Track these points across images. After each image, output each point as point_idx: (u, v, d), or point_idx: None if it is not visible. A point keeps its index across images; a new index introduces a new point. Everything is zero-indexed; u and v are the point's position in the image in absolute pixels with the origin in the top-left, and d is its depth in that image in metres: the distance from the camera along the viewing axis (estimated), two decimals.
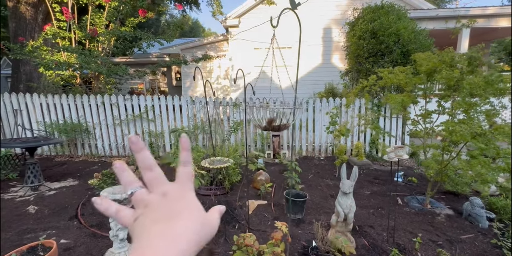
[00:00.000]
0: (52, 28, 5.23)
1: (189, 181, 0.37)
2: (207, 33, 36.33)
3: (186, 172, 0.38)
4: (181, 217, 0.32)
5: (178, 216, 0.32)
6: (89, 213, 2.85)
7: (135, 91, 12.80)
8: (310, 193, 3.38)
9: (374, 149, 5.30)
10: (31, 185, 3.41)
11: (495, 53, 14.31)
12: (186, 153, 0.38)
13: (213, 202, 3.17)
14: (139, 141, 0.36)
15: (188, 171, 0.38)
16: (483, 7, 7.39)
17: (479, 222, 2.63)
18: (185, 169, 0.38)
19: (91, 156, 5.23)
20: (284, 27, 4.53)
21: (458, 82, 2.31)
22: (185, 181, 0.37)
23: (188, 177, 0.38)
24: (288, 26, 4.99)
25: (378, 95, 5.10)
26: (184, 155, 0.38)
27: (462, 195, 3.38)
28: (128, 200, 2.02)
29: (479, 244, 2.33)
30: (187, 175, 0.37)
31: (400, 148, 1.89)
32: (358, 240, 2.37)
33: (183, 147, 0.38)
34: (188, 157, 0.38)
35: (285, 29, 5.11)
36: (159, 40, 5.93)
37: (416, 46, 4.81)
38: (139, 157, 0.36)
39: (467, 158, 2.53)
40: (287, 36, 6.52)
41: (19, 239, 2.31)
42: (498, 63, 15.06)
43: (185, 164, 0.38)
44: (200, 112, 5.25)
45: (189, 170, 0.38)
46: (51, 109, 5.09)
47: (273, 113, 1.87)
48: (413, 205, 3.07)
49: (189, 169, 0.38)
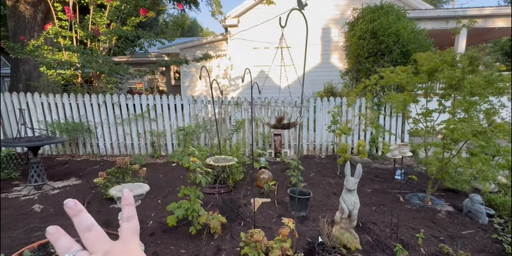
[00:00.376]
0: (53, 27, 5.22)
1: (134, 235, 0.38)
2: (205, 32, 36.27)
3: (130, 227, 0.38)
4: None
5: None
6: (95, 211, 2.87)
7: (134, 91, 12.78)
8: (312, 191, 3.42)
9: (374, 148, 5.36)
10: (34, 184, 3.42)
11: (491, 53, 14.48)
12: (129, 208, 0.39)
13: (217, 200, 3.20)
14: (76, 205, 0.35)
15: (133, 225, 0.38)
16: (480, 8, 7.48)
17: (479, 218, 2.69)
18: (129, 224, 0.38)
19: (93, 155, 5.24)
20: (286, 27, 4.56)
21: (459, 81, 2.37)
22: (129, 237, 0.37)
23: (133, 231, 0.38)
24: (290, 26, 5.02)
25: (378, 94, 5.16)
26: (127, 210, 0.38)
27: (461, 193, 3.44)
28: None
29: (480, 239, 2.39)
30: (132, 230, 0.38)
31: (404, 145, 1.94)
32: (362, 236, 2.42)
33: (126, 202, 0.39)
34: (132, 211, 0.39)
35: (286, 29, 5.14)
36: (160, 39, 5.94)
37: (416, 46, 4.88)
38: (77, 220, 0.35)
39: (467, 156, 2.58)
40: (288, 36, 6.55)
41: (27, 237, 2.33)
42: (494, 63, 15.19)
43: (129, 219, 0.38)
44: (201, 112, 5.28)
45: (134, 225, 0.38)
46: (52, 108, 5.09)
47: (280, 112, 1.90)
48: (414, 202, 3.13)
49: (134, 223, 0.38)
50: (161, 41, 6.02)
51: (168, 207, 2.26)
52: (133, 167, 3.28)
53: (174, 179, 3.97)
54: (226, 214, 2.69)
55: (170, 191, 3.46)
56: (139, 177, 3.19)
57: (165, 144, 5.31)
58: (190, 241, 2.30)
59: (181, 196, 2.28)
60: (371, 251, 2.22)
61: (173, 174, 4.19)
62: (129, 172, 3.27)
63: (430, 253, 2.18)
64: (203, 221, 2.21)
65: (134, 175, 3.34)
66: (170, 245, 2.26)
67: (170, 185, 3.70)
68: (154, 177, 4.04)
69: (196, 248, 2.22)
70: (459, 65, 2.64)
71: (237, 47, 8.79)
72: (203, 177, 2.31)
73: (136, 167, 3.31)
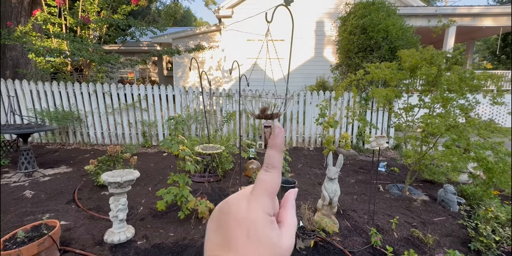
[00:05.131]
0: (42, 14, 5.10)
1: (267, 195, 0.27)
2: (199, 22, 35.57)
3: (266, 180, 0.28)
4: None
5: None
6: (86, 198, 2.94)
7: (125, 80, 12.60)
8: (298, 180, 3.58)
9: (360, 141, 5.55)
10: (25, 171, 3.45)
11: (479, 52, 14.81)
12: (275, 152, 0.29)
13: (207, 188, 3.32)
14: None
15: (271, 179, 0.28)
16: (469, 6, 7.64)
17: (450, 207, 2.89)
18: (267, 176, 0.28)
19: (83, 144, 5.25)
20: (278, 20, 4.60)
21: (436, 78, 2.50)
22: (260, 195, 0.27)
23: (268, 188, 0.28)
24: (282, 19, 5.06)
25: (366, 89, 5.30)
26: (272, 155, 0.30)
27: (438, 184, 3.66)
28: (127, 183, 2.12)
29: (449, 225, 2.59)
30: (267, 185, 0.28)
31: (381, 137, 2.07)
32: (342, 222, 2.58)
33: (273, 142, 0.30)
34: (277, 157, 0.30)
35: (279, 22, 5.18)
36: (152, 29, 5.88)
37: (403, 43, 5.01)
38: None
39: (443, 149, 2.76)
40: (281, 29, 6.59)
41: (20, 221, 2.40)
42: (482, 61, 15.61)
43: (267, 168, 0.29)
44: (193, 103, 5.32)
45: (274, 179, 0.28)
46: (41, 96, 5.05)
47: (265, 103, 2.00)
48: (393, 192, 3.32)
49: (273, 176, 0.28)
50: (153, 30, 5.97)
51: (158, 193, 2.35)
52: (124, 156, 3.34)
53: (165, 168, 4.05)
54: (214, 201, 2.81)
55: (161, 180, 3.55)
56: (130, 165, 3.26)
57: (157, 134, 5.36)
58: (179, 225, 2.42)
59: (171, 182, 2.38)
60: (348, 235, 2.38)
61: (164, 163, 4.27)
62: (120, 161, 3.34)
63: (402, 237, 2.36)
64: (192, 206, 2.33)
65: (125, 164, 3.42)
66: (160, 228, 2.37)
67: (161, 173, 3.79)
68: (145, 165, 4.11)
69: (184, 231, 2.33)
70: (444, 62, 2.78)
71: (230, 38, 8.76)
72: (192, 165, 2.40)
73: (127, 155, 3.37)
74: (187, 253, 2.05)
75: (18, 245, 1.73)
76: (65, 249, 2.03)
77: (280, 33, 7.77)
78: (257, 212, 0.25)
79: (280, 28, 6.28)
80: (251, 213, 0.25)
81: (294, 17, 1.95)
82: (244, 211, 0.25)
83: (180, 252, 2.05)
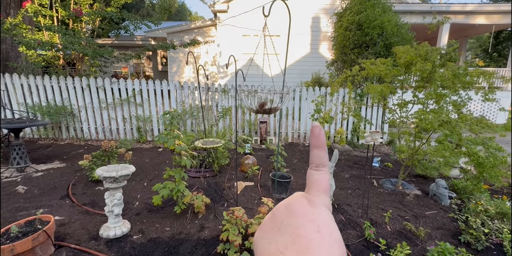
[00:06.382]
0: (32, 5, 4.97)
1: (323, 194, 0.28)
2: (194, 17, 35.09)
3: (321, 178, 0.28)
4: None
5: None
6: (80, 193, 2.92)
7: (119, 75, 12.43)
8: (294, 175, 3.60)
9: (355, 137, 5.60)
10: (17, 166, 3.40)
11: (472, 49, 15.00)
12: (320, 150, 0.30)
13: (203, 183, 3.32)
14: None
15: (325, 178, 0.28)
16: (463, 4, 7.71)
17: (442, 201, 2.96)
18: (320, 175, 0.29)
19: (77, 139, 5.19)
20: (274, 15, 4.58)
21: (430, 74, 2.53)
22: (318, 193, 0.28)
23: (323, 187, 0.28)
24: (279, 14, 5.03)
25: (361, 85, 5.33)
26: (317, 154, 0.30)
27: (430, 178, 3.73)
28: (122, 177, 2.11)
29: (440, 218, 2.66)
30: (322, 184, 0.28)
31: (376, 132, 2.10)
32: (336, 216, 2.62)
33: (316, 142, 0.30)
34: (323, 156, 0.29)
35: (275, 17, 5.15)
36: (146, 23, 5.79)
37: (398, 39, 5.04)
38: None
39: (435, 145, 2.81)
40: (277, 25, 6.55)
41: (13, 216, 2.38)
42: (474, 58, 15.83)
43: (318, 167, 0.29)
44: (188, 98, 5.29)
45: (326, 177, 0.29)
46: (33, 90, 4.94)
47: (262, 98, 2.00)
48: (387, 187, 3.37)
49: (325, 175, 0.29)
50: (147, 24, 5.87)
51: (154, 188, 2.35)
52: (119, 151, 3.31)
53: (160, 163, 4.04)
54: (210, 196, 2.82)
55: (156, 175, 3.54)
56: (125, 160, 3.23)
57: (152, 130, 5.32)
58: (175, 220, 2.42)
59: (166, 177, 2.37)
60: (343, 228, 2.42)
61: (159, 159, 4.25)
62: (114, 156, 3.31)
63: (395, 230, 2.41)
64: (187, 201, 2.33)
65: (120, 159, 3.39)
66: (156, 223, 2.37)
67: (156, 169, 3.77)
68: (140, 161, 4.09)
69: (180, 226, 2.34)
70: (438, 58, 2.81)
71: (226, 33, 8.68)
72: (188, 160, 2.40)
73: (122, 150, 3.35)
74: (183, 247, 2.06)
75: (12, 240, 1.71)
76: (59, 244, 2.02)
77: (276, 29, 7.71)
78: (321, 208, 0.25)
79: (276, 23, 6.25)
80: (317, 209, 0.25)
81: (292, 12, 1.95)
82: (309, 208, 0.25)
83: (176, 246, 2.06)
